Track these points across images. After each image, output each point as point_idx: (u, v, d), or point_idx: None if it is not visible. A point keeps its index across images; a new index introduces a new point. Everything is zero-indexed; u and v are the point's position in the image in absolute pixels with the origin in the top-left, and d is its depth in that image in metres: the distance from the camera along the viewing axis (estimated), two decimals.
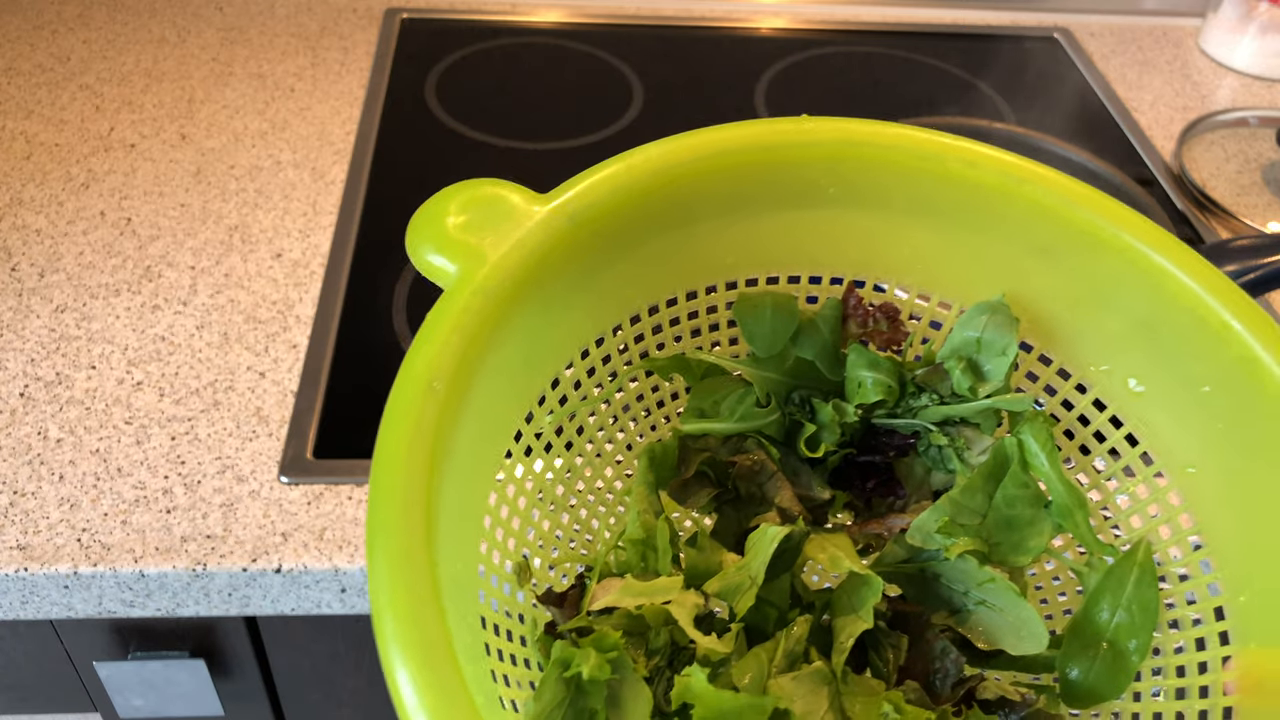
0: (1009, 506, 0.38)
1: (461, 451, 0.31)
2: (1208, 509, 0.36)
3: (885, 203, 0.39)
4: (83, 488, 0.58)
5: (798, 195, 0.39)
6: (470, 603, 0.32)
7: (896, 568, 0.39)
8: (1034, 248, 0.38)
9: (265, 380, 0.65)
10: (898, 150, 0.38)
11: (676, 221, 0.38)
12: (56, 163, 0.81)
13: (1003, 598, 0.37)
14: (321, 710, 0.72)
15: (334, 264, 0.73)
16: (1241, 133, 0.93)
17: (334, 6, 1.02)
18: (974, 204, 0.38)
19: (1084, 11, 1.10)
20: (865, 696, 0.36)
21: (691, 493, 0.41)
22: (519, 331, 0.34)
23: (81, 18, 0.98)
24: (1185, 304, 0.35)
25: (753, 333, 0.40)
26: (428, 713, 0.25)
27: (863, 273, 0.41)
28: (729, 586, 0.36)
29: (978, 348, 0.39)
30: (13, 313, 0.68)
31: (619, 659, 0.33)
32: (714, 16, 1.05)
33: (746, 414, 0.41)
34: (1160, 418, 0.38)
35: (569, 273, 0.35)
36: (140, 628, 0.64)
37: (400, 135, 0.87)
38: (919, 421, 0.40)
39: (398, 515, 0.27)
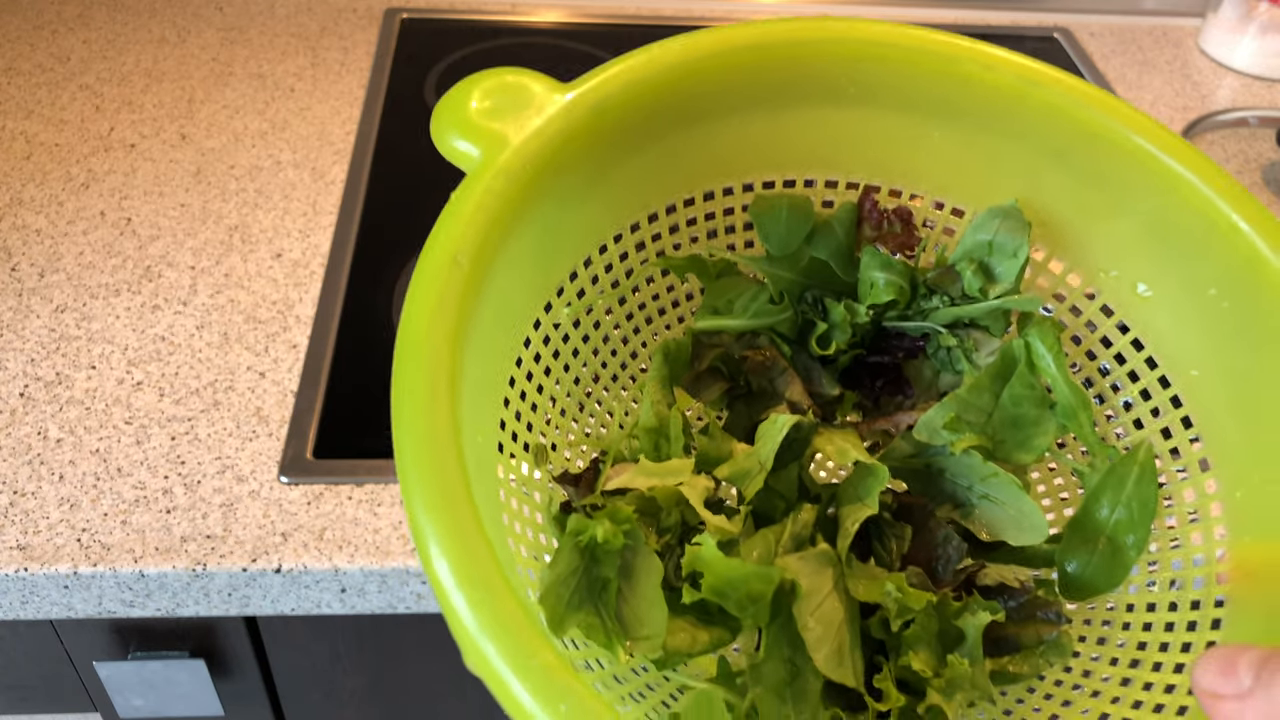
0: (1015, 406, 0.39)
1: (483, 330, 0.32)
2: (1209, 409, 0.37)
3: (902, 104, 0.39)
4: (83, 488, 0.58)
5: (818, 93, 0.39)
6: (489, 475, 0.33)
7: (902, 462, 0.40)
8: (1047, 151, 0.39)
9: (265, 380, 0.65)
10: (917, 51, 0.38)
11: (696, 116, 0.38)
12: (56, 163, 0.81)
13: (1005, 491, 0.38)
14: (321, 710, 0.72)
15: (334, 264, 0.73)
16: (1241, 133, 0.93)
17: (334, 6, 1.02)
18: (989, 107, 0.38)
19: (1084, 11, 1.10)
20: (869, 579, 0.37)
21: (704, 386, 0.42)
22: (539, 218, 0.34)
23: (81, 18, 0.98)
24: (1195, 206, 0.36)
25: (768, 232, 0.41)
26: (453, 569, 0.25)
27: (878, 177, 0.42)
28: (739, 471, 0.37)
29: (989, 250, 0.40)
30: (13, 313, 0.68)
31: (632, 530, 0.34)
32: (714, 16, 1.05)
33: (760, 311, 0.42)
34: (1166, 321, 0.38)
35: (589, 163, 0.36)
36: (140, 628, 0.64)
37: (400, 135, 0.87)
38: (929, 324, 0.41)
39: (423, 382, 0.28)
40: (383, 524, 0.58)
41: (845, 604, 0.36)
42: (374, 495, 0.59)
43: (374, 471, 0.60)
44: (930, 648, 0.36)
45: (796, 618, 0.34)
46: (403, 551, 0.56)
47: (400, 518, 0.58)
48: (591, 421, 0.41)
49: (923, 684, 0.35)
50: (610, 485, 0.36)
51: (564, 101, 0.34)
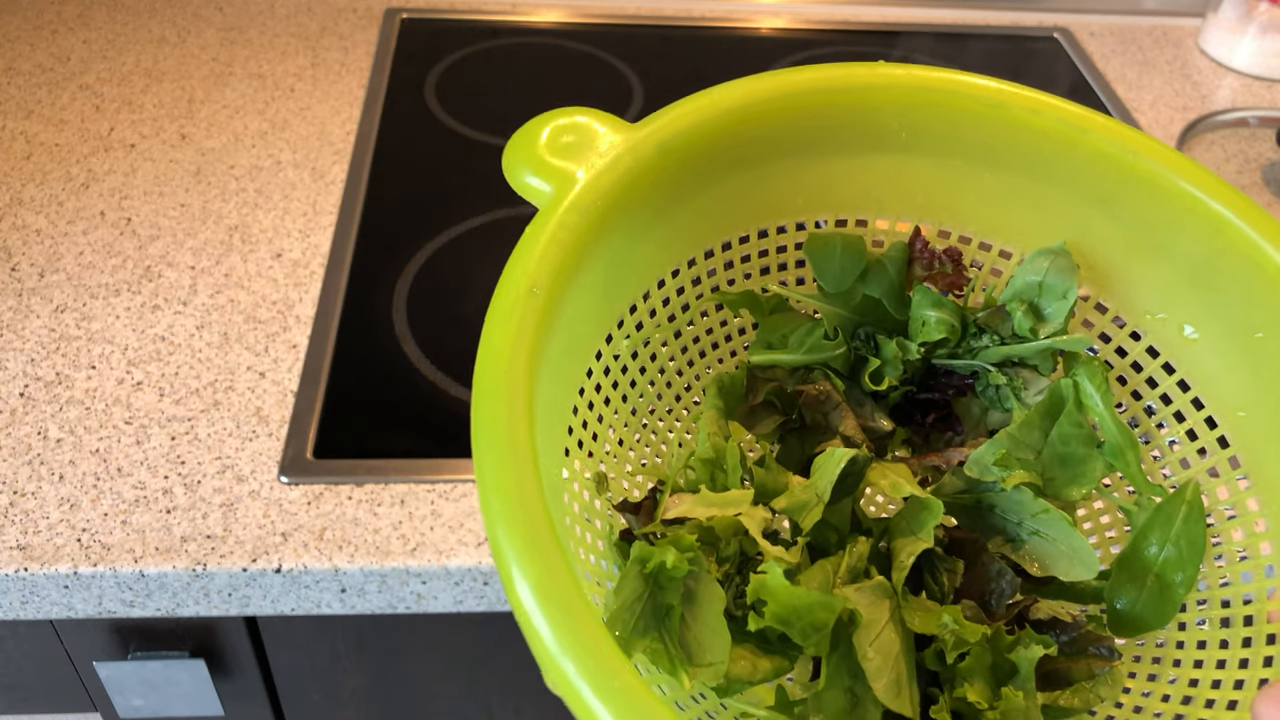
0: (1063, 444, 0.40)
1: (553, 359, 0.33)
2: (1256, 450, 0.38)
3: (952, 149, 0.40)
4: (83, 488, 0.58)
5: (870, 138, 0.40)
6: (557, 501, 0.34)
7: (953, 498, 0.40)
8: (1094, 195, 0.39)
9: (265, 380, 0.65)
10: (965, 97, 0.39)
11: (755, 158, 0.40)
12: (56, 163, 0.81)
13: (1056, 528, 0.38)
14: (321, 710, 0.72)
15: (334, 264, 0.73)
16: (1241, 133, 0.93)
17: (334, 6, 1.02)
18: (1038, 151, 0.39)
19: (1084, 11, 1.10)
20: (925, 611, 0.37)
21: (758, 420, 0.43)
22: (606, 253, 0.36)
23: (81, 18, 0.98)
24: (1242, 250, 0.36)
25: (822, 269, 0.42)
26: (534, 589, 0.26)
27: (928, 218, 0.43)
28: (796, 504, 0.38)
29: (1039, 291, 0.41)
30: (13, 313, 0.68)
31: (696, 558, 0.35)
32: (714, 16, 1.05)
33: (814, 346, 0.42)
34: (1212, 363, 0.39)
35: (653, 201, 0.37)
36: (140, 628, 0.64)
37: (400, 135, 0.87)
38: (979, 362, 0.42)
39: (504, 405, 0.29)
40: (382, 524, 0.58)
41: (902, 635, 0.36)
42: (374, 495, 0.59)
43: (374, 471, 0.60)
44: (985, 680, 0.36)
45: (857, 647, 0.35)
46: (402, 551, 0.56)
47: (400, 518, 0.58)
48: (647, 451, 0.41)
49: (977, 716, 0.36)
50: (670, 514, 0.37)
51: (633, 140, 0.36)
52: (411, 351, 0.68)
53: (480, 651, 0.68)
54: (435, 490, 0.59)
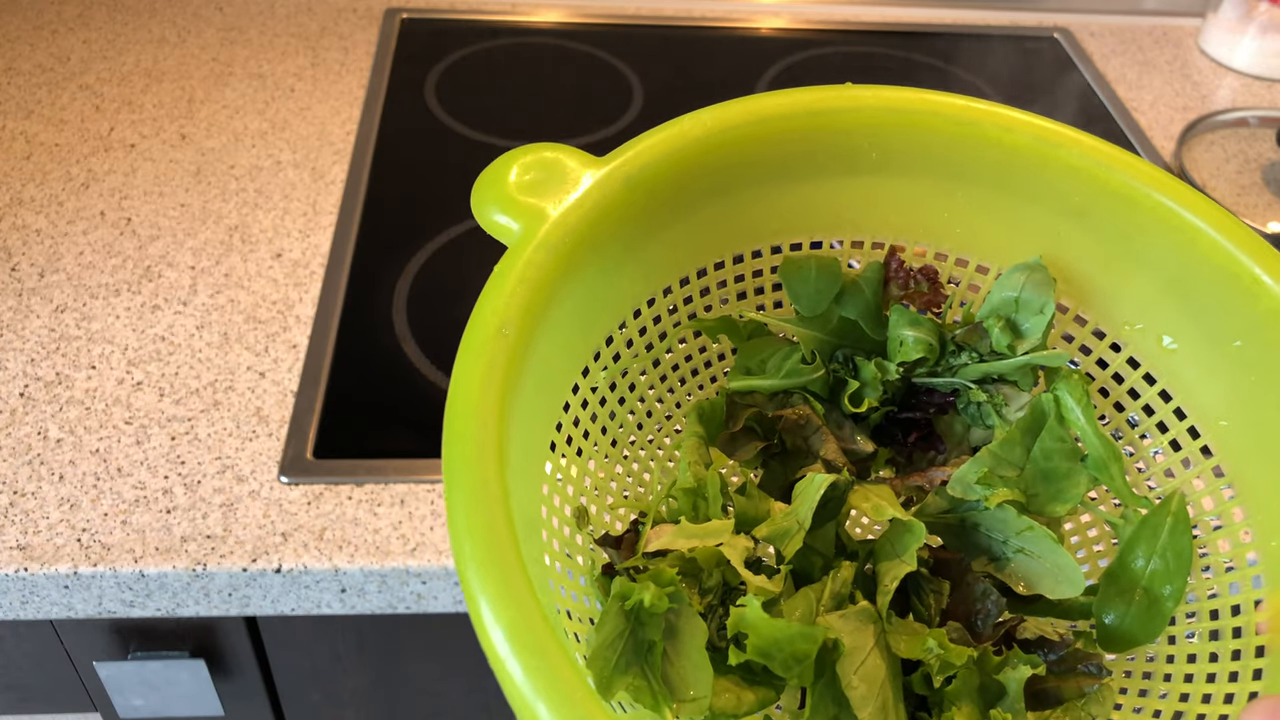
0: (1046, 460, 0.40)
1: (526, 397, 0.33)
2: (1240, 459, 0.37)
3: (925, 168, 0.40)
4: (83, 488, 0.58)
5: (841, 161, 0.40)
6: (534, 539, 0.34)
7: (937, 518, 0.40)
8: (1069, 209, 0.39)
9: (265, 380, 0.65)
10: (937, 116, 0.39)
11: (725, 187, 0.40)
12: (56, 163, 0.81)
13: (1040, 545, 0.38)
14: (322, 710, 0.72)
15: (334, 264, 0.73)
16: (1241, 133, 0.93)
17: (334, 6, 1.02)
18: (1010, 168, 0.39)
19: (1084, 11, 1.10)
20: (910, 635, 0.37)
21: (739, 446, 0.43)
22: (577, 288, 0.36)
23: (81, 18, 0.98)
24: (1216, 260, 0.36)
25: (798, 293, 0.42)
26: (507, 634, 0.26)
27: (903, 237, 0.43)
28: (777, 531, 0.38)
29: (1016, 307, 0.41)
30: (13, 313, 0.68)
31: (676, 593, 0.35)
32: (714, 16, 1.05)
33: (792, 371, 0.42)
34: (1192, 373, 0.39)
35: (623, 234, 0.37)
36: (140, 628, 0.64)
37: (400, 135, 0.87)
38: (958, 379, 0.42)
39: (474, 447, 0.29)
40: (382, 524, 0.58)
41: (887, 661, 0.36)
42: (374, 495, 0.59)
43: (374, 471, 0.60)
44: (973, 702, 0.36)
45: (840, 676, 0.35)
46: (402, 551, 0.56)
47: (400, 518, 0.58)
48: (629, 483, 0.41)
49: None
50: (651, 547, 0.37)
51: (599, 175, 0.35)
52: (411, 351, 0.68)
53: (480, 651, 0.68)
54: (435, 490, 0.59)
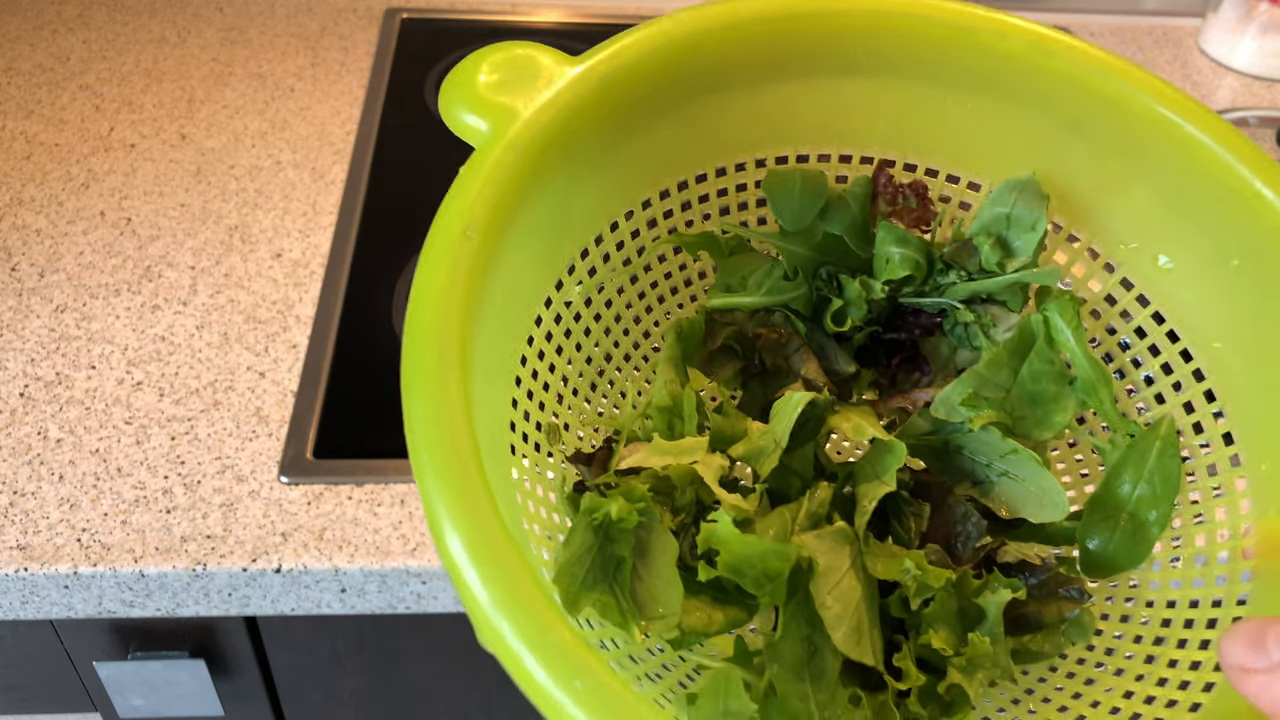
0: (1034, 382, 0.39)
1: (493, 306, 0.31)
2: (1232, 382, 0.36)
3: (916, 73, 0.39)
4: (83, 488, 0.58)
5: (830, 64, 0.38)
6: (501, 454, 0.33)
7: (920, 439, 0.39)
8: (1064, 121, 0.38)
9: (265, 380, 0.65)
10: (930, 21, 0.38)
11: (707, 88, 0.38)
12: (56, 163, 0.81)
13: (1025, 468, 0.37)
14: (321, 710, 0.72)
15: (334, 264, 0.73)
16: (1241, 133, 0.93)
17: (334, 6, 1.02)
18: (1004, 75, 0.38)
19: (1084, 11, 1.10)
20: (887, 557, 0.36)
21: (718, 365, 0.42)
22: (549, 193, 0.34)
23: (81, 18, 0.98)
24: (1217, 174, 0.35)
25: (781, 206, 0.41)
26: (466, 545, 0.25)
27: (892, 150, 0.41)
28: (754, 450, 0.37)
29: (1007, 224, 0.39)
30: (13, 313, 0.68)
31: (646, 508, 0.34)
32: None
33: (773, 288, 0.41)
34: (1187, 294, 0.37)
35: (599, 137, 0.35)
36: (140, 628, 0.64)
37: (400, 135, 0.87)
38: (946, 299, 0.41)
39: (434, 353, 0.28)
40: (383, 524, 0.58)
41: (863, 582, 0.35)
42: (374, 495, 0.59)
43: (374, 471, 0.60)
44: (950, 626, 0.35)
45: (814, 595, 0.34)
46: (402, 551, 0.56)
47: (400, 518, 0.58)
48: (604, 401, 0.40)
49: (943, 662, 0.35)
50: (624, 464, 0.36)
51: (573, 74, 0.34)
52: None
53: (480, 651, 0.68)
54: None
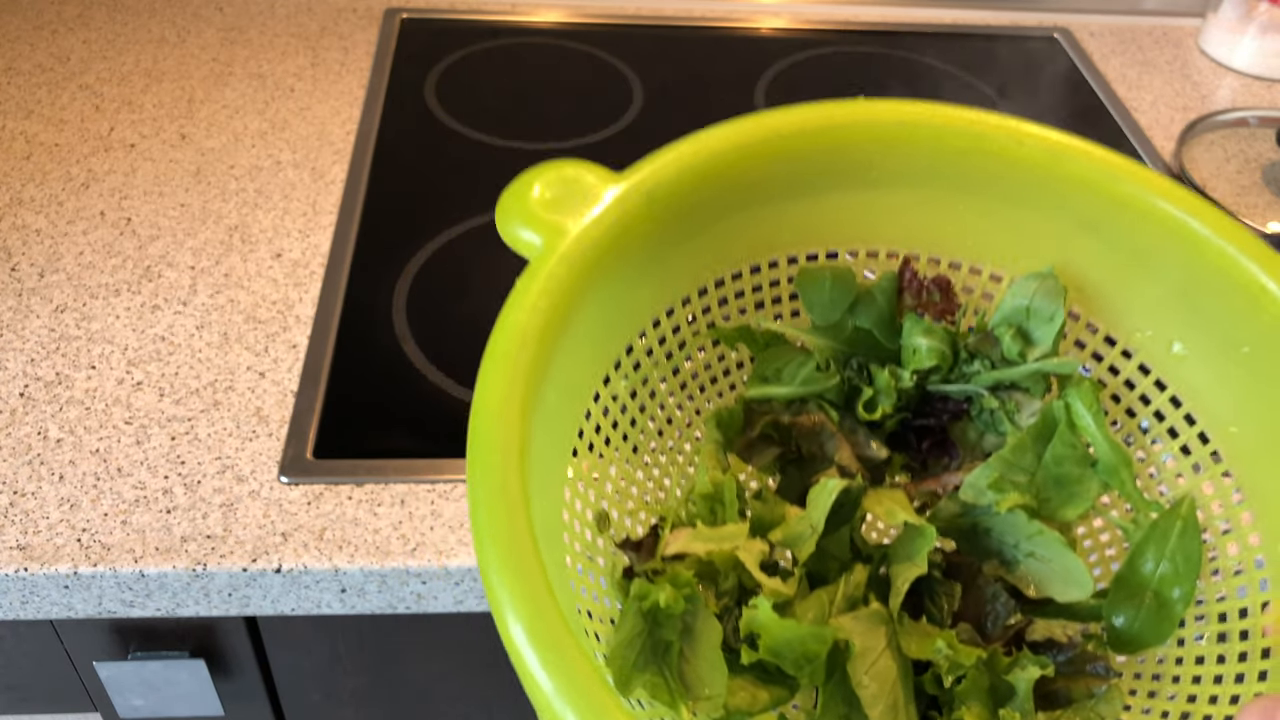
0: (1057, 465, 0.40)
1: (548, 404, 0.34)
2: (1249, 464, 0.38)
3: (937, 181, 0.41)
4: (83, 488, 0.58)
5: (855, 175, 0.41)
6: (556, 543, 0.35)
7: (950, 522, 0.41)
8: (1079, 219, 0.40)
9: (265, 380, 0.65)
10: (948, 130, 0.40)
11: (742, 201, 0.40)
12: (56, 163, 0.81)
13: (1050, 549, 0.39)
14: (322, 710, 0.72)
15: (334, 264, 0.73)
16: (1241, 133, 0.93)
17: (334, 6, 1.02)
18: (1022, 179, 0.40)
19: (1084, 11, 1.10)
20: (920, 637, 0.38)
21: (757, 452, 0.43)
22: (598, 299, 0.36)
23: (81, 18, 0.98)
24: (1222, 268, 0.37)
25: (813, 302, 0.43)
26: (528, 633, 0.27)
27: (917, 247, 0.43)
28: (792, 535, 0.39)
29: (1027, 315, 0.41)
30: (13, 313, 0.68)
31: (692, 594, 0.36)
32: (714, 16, 1.05)
33: (808, 379, 0.43)
34: (1202, 379, 0.39)
35: (643, 246, 0.38)
36: (140, 628, 0.64)
37: (400, 135, 0.87)
38: (972, 386, 0.42)
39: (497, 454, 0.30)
40: (382, 524, 0.58)
41: (898, 661, 0.37)
42: (374, 495, 0.59)
43: (374, 471, 0.60)
44: (982, 703, 0.36)
45: (851, 676, 0.35)
46: (402, 551, 0.56)
47: (400, 518, 0.58)
48: (650, 488, 0.42)
49: None
50: (669, 550, 0.38)
51: (619, 191, 0.36)
52: (411, 351, 0.68)
53: (480, 651, 0.68)
54: (435, 490, 0.59)
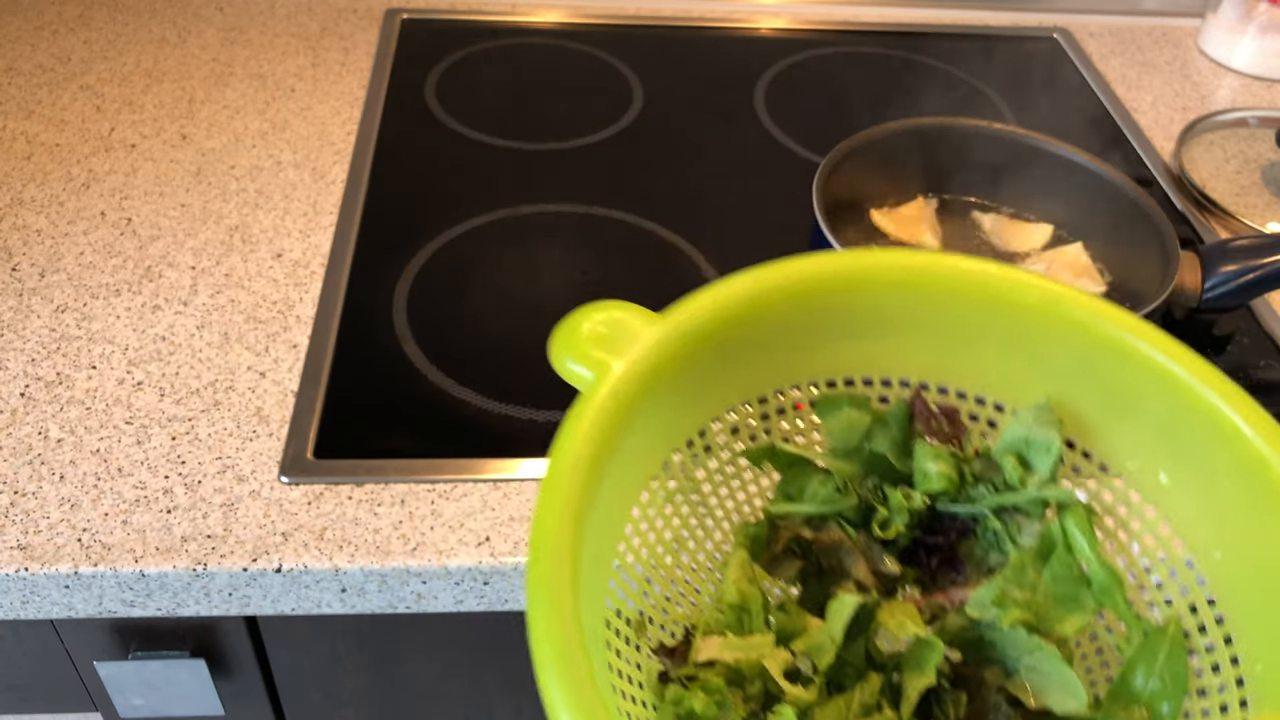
0: (1055, 584, 0.44)
1: (595, 524, 0.38)
2: (1230, 588, 0.41)
3: (946, 323, 0.45)
4: (83, 488, 0.58)
5: (867, 321, 0.46)
6: (599, 648, 0.38)
7: (957, 634, 0.44)
8: (1072, 358, 0.44)
9: (266, 380, 0.65)
10: (956, 280, 0.44)
11: (764, 340, 0.45)
12: (57, 163, 0.81)
13: (1049, 662, 0.42)
14: (322, 710, 0.72)
15: (334, 264, 0.73)
16: (1241, 133, 0.93)
17: (334, 7, 1.03)
18: (1021, 322, 0.44)
19: (1084, 12, 1.10)
20: None
21: (780, 565, 0.47)
22: (640, 426, 0.41)
23: (82, 18, 0.98)
24: (1200, 409, 0.40)
25: (832, 429, 0.47)
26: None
27: (927, 378, 0.47)
28: (813, 645, 0.42)
29: (1026, 445, 0.45)
30: (13, 313, 0.69)
31: (722, 700, 0.39)
32: (714, 16, 1.05)
33: (828, 498, 0.47)
34: (1188, 508, 0.42)
35: (679, 378, 0.43)
36: (141, 627, 0.64)
37: (400, 135, 0.87)
38: (977, 508, 0.46)
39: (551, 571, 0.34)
40: (383, 524, 0.58)
41: None
42: (374, 495, 0.59)
43: (374, 471, 0.60)
44: None
45: None
46: (402, 551, 0.56)
47: (400, 518, 0.58)
48: (683, 597, 0.45)
49: None
50: (701, 657, 0.41)
51: (659, 333, 0.41)
52: (411, 351, 0.68)
53: (480, 651, 0.68)
54: (435, 490, 0.60)
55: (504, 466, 0.61)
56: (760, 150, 0.89)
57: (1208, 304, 0.68)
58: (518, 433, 0.64)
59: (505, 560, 0.56)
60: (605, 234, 0.79)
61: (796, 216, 0.75)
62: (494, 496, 0.59)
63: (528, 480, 0.60)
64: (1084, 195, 0.74)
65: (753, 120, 0.93)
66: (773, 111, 0.94)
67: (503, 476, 0.60)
